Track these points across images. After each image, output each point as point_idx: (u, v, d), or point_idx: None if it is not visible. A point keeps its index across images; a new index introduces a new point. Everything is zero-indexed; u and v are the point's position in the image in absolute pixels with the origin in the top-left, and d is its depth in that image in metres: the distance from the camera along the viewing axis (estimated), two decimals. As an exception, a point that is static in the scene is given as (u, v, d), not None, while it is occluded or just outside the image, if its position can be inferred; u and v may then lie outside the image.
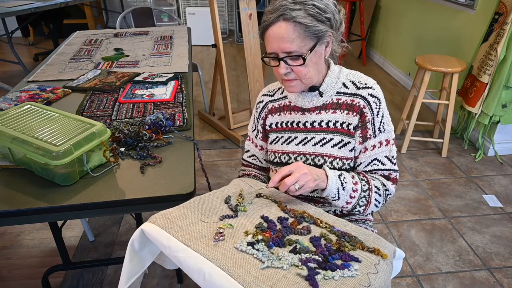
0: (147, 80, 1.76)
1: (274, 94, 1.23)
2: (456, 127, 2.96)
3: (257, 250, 0.86)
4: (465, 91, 2.69)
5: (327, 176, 1.04)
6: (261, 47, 2.90)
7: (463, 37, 2.94)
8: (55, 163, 1.01)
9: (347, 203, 1.07)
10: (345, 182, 1.05)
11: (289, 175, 0.99)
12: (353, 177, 1.07)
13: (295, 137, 1.16)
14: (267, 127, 1.23)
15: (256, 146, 1.29)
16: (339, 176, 1.05)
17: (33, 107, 1.24)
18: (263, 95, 1.25)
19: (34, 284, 1.77)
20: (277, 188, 1.06)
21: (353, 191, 1.06)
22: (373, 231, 1.21)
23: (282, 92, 1.21)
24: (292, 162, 1.16)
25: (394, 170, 1.13)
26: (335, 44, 1.08)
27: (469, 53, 2.83)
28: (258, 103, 1.26)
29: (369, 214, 1.27)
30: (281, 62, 1.02)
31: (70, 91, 1.70)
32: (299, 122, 1.15)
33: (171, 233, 0.88)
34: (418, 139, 2.83)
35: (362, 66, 4.47)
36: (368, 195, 1.08)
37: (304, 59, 1.00)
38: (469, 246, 1.96)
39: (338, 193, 1.04)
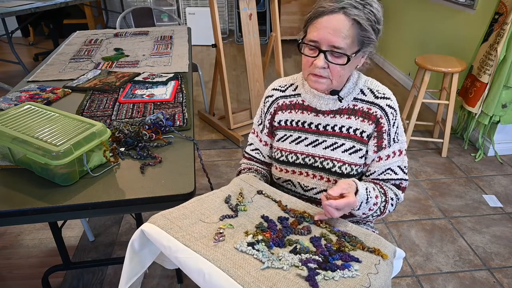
0: (147, 80, 1.76)
1: (285, 90, 1.18)
2: (456, 127, 2.95)
3: (257, 250, 0.85)
4: (465, 91, 2.69)
5: (357, 190, 1.01)
6: (261, 47, 2.90)
7: (463, 37, 2.94)
8: (55, 163, 1.01)
9: (363, 214, 1.07)
10: (370, 197, 1.04)
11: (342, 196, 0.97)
12: (374, 189, 1.07)
13: (305, 138, 1.13)
14: (275, 124, 1.19)
15: (260, 140, 1.25)
16: (366, 189, 1.03)
17: (33, 107, 1.24)
18: (274, 89, 1.20)
19: (34, 284, 1.76)
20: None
21: (374, 204, 1.06)
22: (373, 231, 1.21)
23: (294, 89, 1.17)
24: (300, 162, 1.13)
25: (405, 180, 1.14)
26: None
27: (469, 53, 2.83)
28: (267, 97, 1.21)
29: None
30: (321, 54, 0.98)
31: (70, 91, 1.70)
32: (311, 123, 1.13)
33: (171, 234, 0.88)
34: (418, 139, 2.83)
35: (362, 66, 4.46)
36: (384, 206, 1.08)
37: (349, 59, 0.98)
38: (469, 246, 1.96)
39: (360, 206, 1.03)
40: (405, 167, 1.13)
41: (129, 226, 2.11)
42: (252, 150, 1.28)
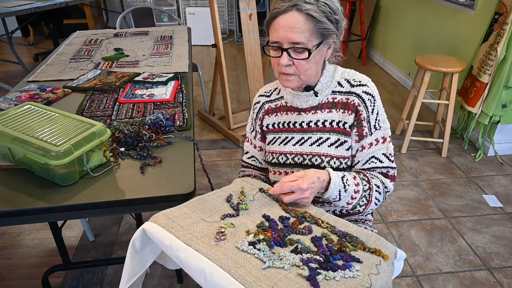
0: (147, 80, 1.76)
1: (270, 94, 1.22)
2: (456, 127, 2.95)
3: (259, 250, 0.85)
4: (465, 91, 2.69)
5: (330, 179, 1.03)
6: (261, 47, 2.90)
7: (463, 37, 2.94)
8: (55, 163, 1.01)
9: (347, 203, 1.07)
10: (348, 185, 1.04)
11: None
12: (354, 178, 1.07)
13: (292, 138, 1.16)
14: (264, 128, 1.23)
15: (255, 147, 1.29)
16: (342, 178, 1.05)
17: (33, 107, 1.24)
18: (260, 95, 1.25)
19: (34, 284, 1.76)
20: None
21: (355, 192, 1.05)
22: (372, 231, 1.21)
23: (278, 93, 1.21)
24: (290, 162, 1.16)
25: (391, 168, 1.13)
26: (334, 50, 1.09)
27: (469, 53, 2.83)
28: (255, 104, 1.25)
29: (369, 214, 1.27)
30: (284, 53, 1.01)
31: (70, 91, 1.70)
32: (295, 122, 1.15)
33: (173, 233, 0.88)
34: (418, 139, 2.83)
35: (362, 66, 4.47)
36: (369, 194, 1.08)
37: (310, 53, 1.00)
38: (469, 246, 1.96)
39: (340, 195, 1.04)
40: (390, 154, 1.12)
41: (129, 226, 2.11)
42: (248, 158, 1.32)
